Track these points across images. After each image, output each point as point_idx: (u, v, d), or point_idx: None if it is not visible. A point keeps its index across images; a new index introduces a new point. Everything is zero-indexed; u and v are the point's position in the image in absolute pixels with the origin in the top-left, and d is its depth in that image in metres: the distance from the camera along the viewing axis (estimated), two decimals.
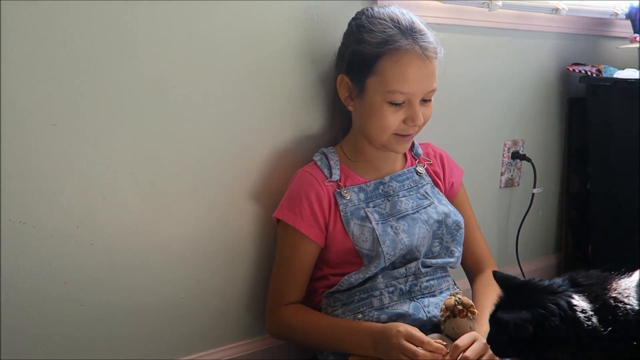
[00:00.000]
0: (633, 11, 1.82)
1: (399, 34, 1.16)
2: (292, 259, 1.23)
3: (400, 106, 1.17)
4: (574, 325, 0.89)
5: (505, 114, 1.74)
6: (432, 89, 1.19)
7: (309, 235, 1.20)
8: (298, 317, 1.21)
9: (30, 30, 0.99)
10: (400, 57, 1.15)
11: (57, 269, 1.09)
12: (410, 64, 1.15)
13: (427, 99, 1.20)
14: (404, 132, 1.20)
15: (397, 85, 1.15)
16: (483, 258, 1.36)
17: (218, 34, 1.18)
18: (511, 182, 1.80)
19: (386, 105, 1.17)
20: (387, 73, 1.15)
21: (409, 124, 1.18)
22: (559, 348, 0.90)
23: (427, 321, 1.15)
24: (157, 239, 1.19)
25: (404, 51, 1.15)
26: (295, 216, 1.21)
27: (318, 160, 1.26)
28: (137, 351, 1.21)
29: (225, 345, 1.33)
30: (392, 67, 1.15)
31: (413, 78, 1.15)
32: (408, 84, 1.15)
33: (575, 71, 1.78)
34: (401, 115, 1.18)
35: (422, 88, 1.17)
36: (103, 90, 1.08)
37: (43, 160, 1.04)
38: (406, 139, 1.22)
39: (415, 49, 1.15)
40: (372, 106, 1.18)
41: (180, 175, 1.20)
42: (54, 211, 1.07)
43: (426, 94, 1.18)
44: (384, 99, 1.16)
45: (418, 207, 1.25)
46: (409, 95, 1.16)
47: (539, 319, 0.89)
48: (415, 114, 1.17)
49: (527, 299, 0.94)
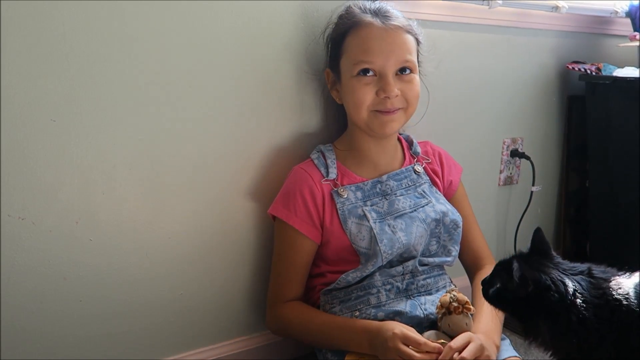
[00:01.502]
0: (633, 9, 1.82)
1: (364, 15, 1.20)
2: (288, 255, 1.24)
3: (371, 79, 1.18)
4: (569, 309, 0.90)
5: (505, 111, 1.74)
6: (403, 60, 1.18)
7: (303, 232, 1.21)
8: (296, 314, 1.22)
9: (29, 25, 0.99)
10: (360, 30, 1.18)
11: (56, 265, 1.10)
12: (371, 34, 1.17)
13: (404, 73, 1.19)
14: (381, 107, 1.19)
15: (360, 55, 1.17)
16: (483, 255, 1.36)
17: (216, 31, 1.18)
18: (510, 180, 1.80)
19: (356, 79, 1.18)
20: (351, 47, 1.19)
21: (381, 96, 1.18)
22: (546, 319, 0.91)
23: (424, 318, 1.16)
24: (156, 235, 1.20)
25: (364, 24, 1.18)
26: (290, 212, 1.21)
27: (315, 159, 1.26)
28: (136, 347, 1.21)
29: (223, 341, 1.33)
30: (354, 40, 1.19)
31: (375, 47, 1.16)
32: (370, 52, 1.16)
33: (574, 69, 1.78)
34: (373, 88, 1.19)
35: (390, 58, 1.17)
36: (102, 86, 1.08)
37: (42, 155, 1.05)
38: (387, 115, 1.20)
39: (375, 21, 1.18)
40: (347, 85, 1.21)
41: (179, 171, 1.20)
42: (53, 207, 1.07)
43: (400, 65, 1.18)
44: (352, 74, 1.18)
45: (416, 205, 1.25)
46: (376, 66, 1.17)
47: (543, 286, 0.91)
48: (386, 84, 1.17)
49: (540, 265, 0.95)
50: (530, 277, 0.91)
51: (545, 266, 0.95)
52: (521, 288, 0.91)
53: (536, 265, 0.95)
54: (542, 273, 0.92)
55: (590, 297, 0.91)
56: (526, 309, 0.93)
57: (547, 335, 0.92)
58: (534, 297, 0.91)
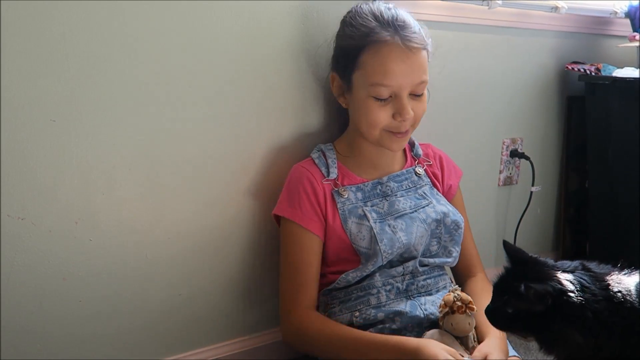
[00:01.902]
0: (632, 10, 1.82)
1: (379, 26, 1.14)
2: (298, 257, 1.20)
3: (387, 101, 1.16)
4: (585, 305, 0.86)
5: (504, 112, 1.74)
6: (419, 82, 1.16)
7: (310, 229, 1.19)
8: (319, 326, 1.15)
9: (29, 25, 0.99)
10: (379, 49, 1.13)
11: (55, 265, 1.09)
12: (391, 56, 1.13)
13: (418, 93, 1.18)
14: (395, 129, 1.18)
15: (379, 78, 1.13)
16: (474, 262, 1.35)
17: (216, 31, 1.18)
18: (510, 180, 1.80)
19: (371, 100, 1.16)
20: (368, 66, 1.14)
21: (398, 119, 1.17)
22: (573, 326, 0.86)
23: (424, 319, 1.15)
24: (156, 235, 1.20)
25: (383, 42, 1.13)
26: (295, 210, 1.20)
27: (316, 158, 1.26)
28: (135, 347, 1.21)
29: (223, 341, 1.33)
30: (372, 59, 1.14)
31: (395, 70, 1.13)
32: (390, 76, 1.13)
33: (574, 70, 1.78)
34: (389, 110, 1.17)
35: (407, 81, 1.14)
36: (102, 87, 1.08)
37: (42, 156, 1.05)
38: (399, 137, 1.20)
39: (395, 40, 1.13)
40: (359, 101, 1.18)
41: (178, 171, 1.20)
42: (53, 207, 1.07)
43: (415, 88, 1.16)
44: (368, 93, 1.16)
45: (416, 206, 1.25)
46: (393, 89, 1.14)
47: (558, 292, 0.86)
48: (402, 108, 1.15)
49: (536, 273, 0.91)
50: (542, 290, 0.86)
51: (542, 272, 0.92)
52: (538, 304, 0.87)
53: (534, 275, 0.91)
54: (547, 280, 0.89)
55: (597, 290, 0.88)
56: (546, 321, 0.88)
57: (580, 338, 0.87)
58: (551, 307, 0.87)
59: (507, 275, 0.96)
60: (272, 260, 1.34)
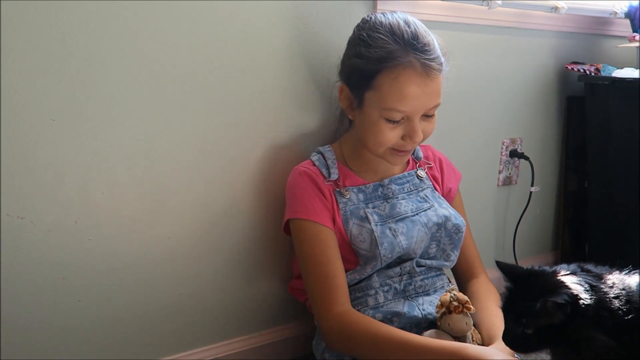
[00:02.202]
0: (632, 10, 1.82)
1: (399, 49, 1.10)
2: (319, 255, 1.16)
3: (399, 123, 1.14)
4: (600, 305, 0.85)
5: (504, 112, 1.74)
6: (434, 106, 1.14)
7: (325, 224, 1.17)
8: (360, 325, 1.09)
9: (29, 25, 0.99)
10: (398, 74, 1.10)
11: (55, 264, 1.09)
12: (409, 82, 1.09)
13: (430, 114, 1.16)
14: (401, 148, 1.17)
15: (395, 103, 1.11)
16: (476, 263, 1.34)
17: (217, 30, 1.18)
18: (509, 180, 1.80)
19: (383, 121, 1.13)
20: (384, 90, 1.11)
21: (407, 141, 1.15)
22: (594, 327, 0.85)
23: (422, 319, 1.15)
24: (155, 234, 1.20)
25: (402, 68, 1.09)
26: (307, 209, 1.18)
27: (315, 160, 1.25)
28: (135, 347, 1.21)
29: (222, 341, 1.33)
30: (390, 84, 1.10)
31: (412, 96, 1.10)
32: (406, 101, 1.10)
33: (574, 70, 1.79)
34: (399, 132, 1.15)
35: (422, 106, 1.12)
36: (102, 86, 1.08)
37: (41, 155, 1.05)
38: (403, 154, 1.19)
39: (415, 66, 1.09)
40: (370, 120, 1.15)
41: (178, 171, 1.20)
42: (52, 206, 1.07)
43: (427, 111, 1.14)
44: (381, 115, 1.13)
45: (418, 209, 1.24)
46: (407, 113, 1.12)
47: (572, 298, 0.84)
48: (413, 131, 1.14)
49: (542, 285, 0.90)
50: (561, 300, 0.84)
51: (548, 282, 0.90)
52: (558, 315, 0.85)
53: (540, 288, 0.89)
54: (557, 288, 0.87)
55: (606, 288, 0.88)
56: (567, 330, 0.86)
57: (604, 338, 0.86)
58: (569, 317, 0.85)
59: (512, 296, 0.94)
60: (271, 259, 1.35)
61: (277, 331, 1.40)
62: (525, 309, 0.89)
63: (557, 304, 0.85)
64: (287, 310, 1.40)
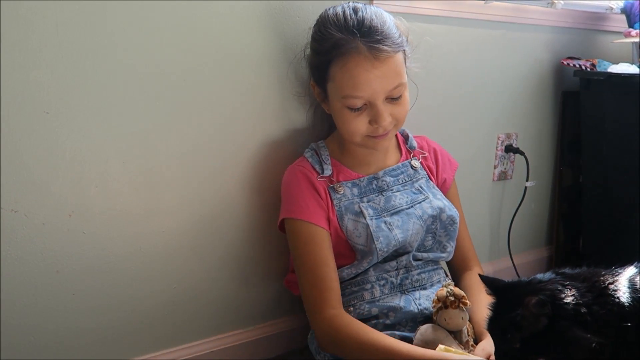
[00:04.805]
0: (628, 5, 1.83)
1: (344, 37, 1.11)
2: (312, 255, 1.17)
3: (362, 109, 1.14)
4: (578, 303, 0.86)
5: (499, 107, 1.74)
6: (394, 87, 1.13)
7: (319, 224, 1.17)
8: (349, 329, 1.10)
9: (22, 17, 0.99)
10: (346, 61, 1.11)
11: (48, 258, 1.09)
12: (358, 67, 1.10)
13: (395, 96, 1.15)
14: (374, 133, 1.17)
15: (349, 90, 1.12)
16: (470, 256, 1.35)
17: (209, 25, 1.18)
18: (504, 175, 1.81)
19: (347, 110, 1.15)
20: (338, 79, 1.13)
21: (374, 125, 1.16)
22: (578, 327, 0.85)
23: (418, 313, 1.16)
24: (150, 228, 1.19)
25: (348, 55, 1.10)
26: (302, 209, 1.18)
27: (309, 157, 1.25)
28: (129, 340, 1.21)
29: (217, 335, 1.33)
30: (341, 72, 1.12)
31: (364, 80, 1.10)
32: (359, 87, 1.11)
33: (569, 65, 1.79)
34: (365, 118, 1.15)
35: (379, 88, 1.12)
36: (96, 79, 1.07)
37: (35, 148, 1.04)
38: (380, 139, 1.19)
39: (361, 51, 1.10)
40: (335, 111, 1.18)
41: (172, 165, 1.19)
42: (46, 200, 1.07)
43: (390, 93, 1.14)
44: (342, 104, 1.15)
45: (412, 202, 1.24)
46: (366, 98, 1.13)
47: (551, 298, 0.85)
48: (378, 115, 1.14)
49: (521, 293, 0.90)
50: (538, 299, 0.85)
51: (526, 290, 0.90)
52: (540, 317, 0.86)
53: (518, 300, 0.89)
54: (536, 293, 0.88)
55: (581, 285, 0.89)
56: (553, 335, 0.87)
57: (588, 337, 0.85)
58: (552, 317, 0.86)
59: (495, 312, 0.94)
60: (265, 254, 1.34)
61: (272, 325, 1.40)
62: (508, 321, 0.89)
63: (538, 302, 0.85)
64: (281, 304, 1.40)
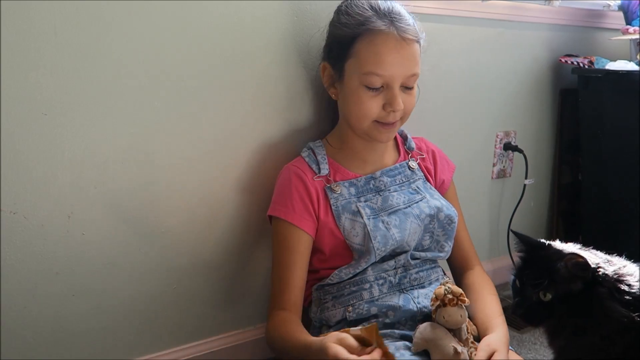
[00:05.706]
0: (625, 3, 1.83)
1: (375, 15, 1.15)
2: (284, 256, 1.19)
3: (379, 91, 1.16)
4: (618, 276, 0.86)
5: (498, 105, 1.74)
6: (412, 74, 1.16)
7: (301, 227, 1.19)
8: (281, 328, 1.13)
9: (20, 18, 0.98)
10: (375, 37, 1.14)
11: (48, 259, 1.09)
12: (386, 45, 1.13)
13: (409, 86, 1.18)
14: (384, 120, 1.18)
15: (373, 67, 1.14)
16: (470, 255, 1.35)
17: (208, 25, 1.18)
18: (503, 173, 1.81)
19: (363, 89, 1.16)
20: (362, 54, 1.15)
21: (388, 110, 1.17)
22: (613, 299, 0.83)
23: (417, 312, 1.16)
24: (149, 229, 1.19)
25: (378, 31, 1.14)
26: (287, 209, 1.19)
27: (306, 156, 1.25)
28: (129, 341, 1.21)
29: (217, 335, 1.33)
30: (367, 47, 1.14)
31: (389, 60, 1.13)
32: (384, 65, 1.13)
33: (567, 62, 1.79)
34: (380, 101, 1.17)
35: (400, 71, 1.15)
36: (94, 80, 1.07)
37: (34, 149, 1.04)
38: (387, 128, 1.20)
39: (391, 30, 1.14)
40: (351, 90, 1.18)
41: (171, 165, 1.19)
42: (45, 201, 1.07)
43: (406, 80, 1.16)
44: (361, 82, 1.16)
45: (410, 201, 1.24)
46: (386, 79, 1.15)
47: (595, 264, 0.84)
48: (393, 98, 1.15)
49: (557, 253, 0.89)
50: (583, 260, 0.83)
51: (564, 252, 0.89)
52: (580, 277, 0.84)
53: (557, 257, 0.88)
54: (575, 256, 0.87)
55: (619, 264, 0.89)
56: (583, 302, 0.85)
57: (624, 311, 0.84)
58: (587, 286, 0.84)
59: (527, 265, 0.93)
60: (261, 256, 1.35)
61: None
62: (546, 272, 0.87)
63: (580, 264, 0.84)
64: None
